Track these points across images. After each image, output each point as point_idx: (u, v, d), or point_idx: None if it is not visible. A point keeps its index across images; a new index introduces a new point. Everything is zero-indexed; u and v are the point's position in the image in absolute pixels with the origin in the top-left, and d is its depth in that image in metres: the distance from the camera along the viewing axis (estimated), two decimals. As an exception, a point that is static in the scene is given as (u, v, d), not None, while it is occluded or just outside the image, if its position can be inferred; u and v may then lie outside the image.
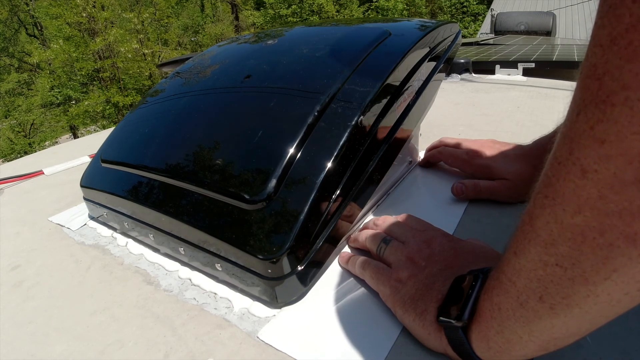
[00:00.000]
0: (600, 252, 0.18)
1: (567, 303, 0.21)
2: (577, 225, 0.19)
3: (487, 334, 0.26)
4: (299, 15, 13.22)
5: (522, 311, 0.23)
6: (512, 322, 0.24)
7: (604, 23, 0.17)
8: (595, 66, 0.17)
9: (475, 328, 0.27)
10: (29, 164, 0.84)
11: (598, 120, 0.17)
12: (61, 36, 9.18)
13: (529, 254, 0.22)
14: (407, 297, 0.33)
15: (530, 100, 0.92)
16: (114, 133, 0.57)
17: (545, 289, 0.21)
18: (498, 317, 0.25)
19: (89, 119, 9.55)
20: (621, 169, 0.16)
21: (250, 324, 0.36)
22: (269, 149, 0.41)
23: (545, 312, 0.22)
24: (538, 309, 0.22)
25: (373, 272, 0.37)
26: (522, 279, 0.22)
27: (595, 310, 0.20)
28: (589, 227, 0.18)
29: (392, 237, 0.39)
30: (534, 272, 0.22)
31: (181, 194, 0.42)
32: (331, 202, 0.39)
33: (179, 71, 0.63)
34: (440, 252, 0.35)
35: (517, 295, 0.23)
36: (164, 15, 11.13)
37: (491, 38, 3.38)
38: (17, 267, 0.48)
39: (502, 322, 0.24)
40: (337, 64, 0.48)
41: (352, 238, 0.43)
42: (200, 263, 0.41)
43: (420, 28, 0.55)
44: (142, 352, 0.34)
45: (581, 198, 0.18)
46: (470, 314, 0.27)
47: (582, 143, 0.18)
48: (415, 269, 0.34)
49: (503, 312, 0.24)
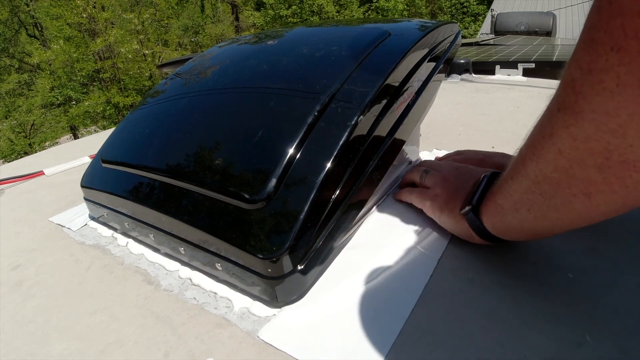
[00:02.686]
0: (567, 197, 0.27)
1: (544, 217, 0.30)
2: (554, 178, 0.27)
3: (493, 221, 0.36)
4: (299, 15, 13.22)
5: (516, 214, 0.33)
6: (510, 218, 0.34)
7: (587, 51, 0.21)
8: (574, 81, 0.22)
9: (485, 215, 0.37)
10: (29, 164, 0.84)
11: (569, 122, 0.24)
12: (61, 37, 9.17)
13: (520, 184, 0.31)
14: (442, 202, 0.43)
15: (530, 101, 0.92)
16: (114, 133, 0.57)
17: (532, 206, 0.31)
18: (501, 212, 0.35)
19: (89, 119, 9.54)
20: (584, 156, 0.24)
21: (250, 323, 0.36)
22: (268, 148, 0.41)
23: (531, 218, 0.31)
24: (526, 215, 0.32)
25: (417, 194, 0.47)
26: (516, 196, 0.32)
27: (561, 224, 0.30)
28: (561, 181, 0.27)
29: (431, 169, 0.49)
30: (524, 195, 0.31)
31: (181, 194, 0.42)
32: (331, 201, 0.39)
33: (179, 72, 0.63)
34: (466, 169, 0.46)
35: (513, 204, 0.33)
36: (164, 15, 11.13)
37: (491, 38, 3.38)
38: (17, 267, 0.48)
39: (503, 216, 0.35)
40: (337, 64, 0.48)
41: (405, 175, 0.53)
42: (201, 263, 0.42)
43: (420, 28, 0.55)
44: (142, 351, 0.34)
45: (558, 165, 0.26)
46: (479, 201, 0.37)
47: (560, 134, 0.25)
48: (447, 183, 0.45)
49: (504, 210, 0.34)
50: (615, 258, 0.39)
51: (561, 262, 0.39)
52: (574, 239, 0.42)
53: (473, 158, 0.54)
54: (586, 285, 0.36)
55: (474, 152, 0.57)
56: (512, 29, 4.27)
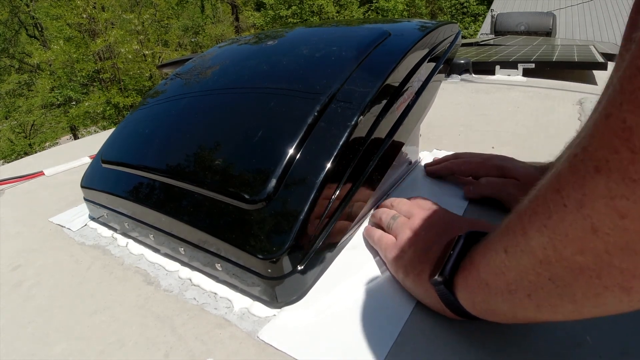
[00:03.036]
0: (594, 289, 0.19)
1: (553, 309, 0.22)
2: (576, 261, 0.19)
3: (474, 299, 0.28)
4: (299, 16, 13.22)
5: (509, 297, 0.25)
6: (499, 300, 0.26)
7: None
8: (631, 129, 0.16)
9: (462, 290, 0.29)
10: (29, 164, 0.84)
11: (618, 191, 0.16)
12: (61, 37, 9.17)
13: (521, 260, 0.23)
14: (408, 261, 0.36)
15: (530, 101, 0.92)
16: (114, 134, 0.57)
17: (535, 292, 0.23)
18: (485, 291, 0.27)
19: (90, 119, 9.54)
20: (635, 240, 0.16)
21: (250, 323, 0.36)
22: (268, 149, 0.41)
23: (531, 306, 0.24)
24: (525, 303, 0.24)
25: (382, 244, 0.41)
26: (512, 274, 0.24)
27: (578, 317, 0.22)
28: (589, 267, 0.19)
29: (400, 214, 0.42)
30: (524, 276, 0.23)
31: (181, 194, 0.42)
32: (331, 202, 0.39)
33: (179, 72, 0.63)
34: (439, 221, 0.39)
35: (505, 284, 0.24)
36: (164, 16, 11.13)
37: (491, 38, 3.38)
38: (17, 267, 0.48)
39: (489, 296, 0.27)
40: (337, 64, 0.48)
41: (373, 214, 0.47)
42: (201, 263, 0.42)
43: (420, 28, 0.55)
44: (142, 351, 0.34)
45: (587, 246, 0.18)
46: (453, 271, 0.30)
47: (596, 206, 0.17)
48: (416, 237, 0.38)
49: (491, 289, 0.26)
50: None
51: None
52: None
53: (471, 161, 0.54)
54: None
55: (472, 154, 0.56)
56: (512, 29, 4.28)
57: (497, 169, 0.50)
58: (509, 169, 0.49)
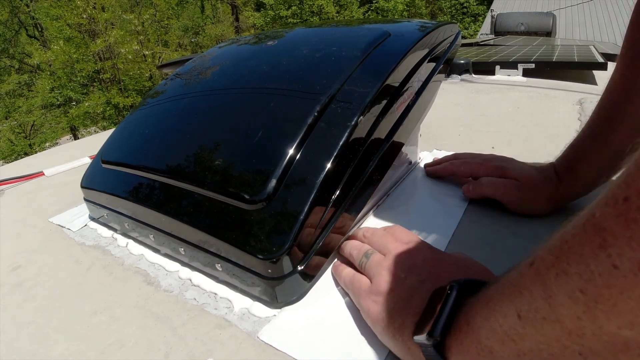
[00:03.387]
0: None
1: None
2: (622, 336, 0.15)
3: None
4: (299, 16, 13.23)
5: None
6: None
7: None
8: None
9: (457, 354, 0.24)
10: (29, 165, 0.84)
11: None
12: (61, 37, 9.17)
13: (542, 329, 0.18)
14: (385, 311, 0.31)
15: (530, 101, 0.92)
16: (114, 134, 0.57)
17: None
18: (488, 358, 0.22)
19: (90, 120, 9.54)
20: None
21: (251, 324, 0.36)
22: (268, 149, 0.41)
23: None
24: None
25: (354, 288, 0.35)
26: (527, 344, 0.20)
27: None
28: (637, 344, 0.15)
29: (374, 250, 0.37)
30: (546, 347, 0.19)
31: (181, 195, 0.42)
32: (331, 202, 0.39)
33: (179, 72, 0.63)
34: (422, 263, 0.33)
35: (517, 354, 0.20)
36: (164, 16, 11.13)
37: (491, 39, 3.38)
38: (17, 267, 0.48)
39: None
40: (336, 64, 0.48)
41: (341, 247, 0.42)
42: (201, 263, 0.42)
43: (420, 29, 0.56)
44: (142, 352, 0.34)
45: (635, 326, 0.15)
46: (445, 329, 0.25)
47: None
48: (395, 281, 0.32)
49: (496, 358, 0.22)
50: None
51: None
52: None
53: (471, 162, 0.54)
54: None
55: (472, 155, 0.56)
56: (512, 29, 4.28)
57: (497, 169, 0.50)
58: (509, 170, 0.49)
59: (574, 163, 0.45)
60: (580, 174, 0.44)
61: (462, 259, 0.34)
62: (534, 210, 0.46)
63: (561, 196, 0.46)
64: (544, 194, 0.46)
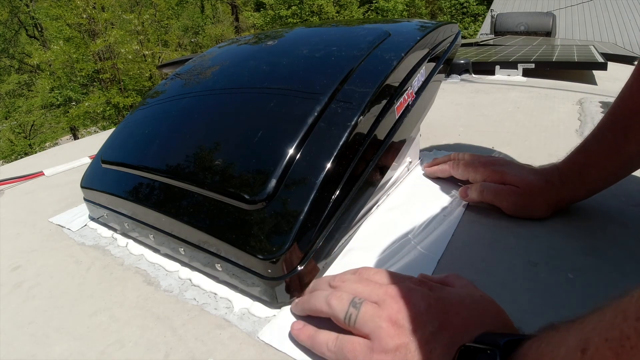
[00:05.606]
0: None
1: None
2: None
3: None
4: (299, 16, 13.23)
5: None
6: None
7: None
8: None
9: None
10: (29, 165, 0.84)
11: None
12: (61, 37, 9.18)
13: None
14: None
15: (530, 101, 0.92)
16: (114, 134, 0.57)
17: None
18: None
19: (89, 120, 9.55)
20: None
21: (251, 324, 0.36)
22: (268, 149, 0.41)
23: None
24: None
25: (347, 351, 0.29)
26: None
27: None
28: None
29: (362, 298, 0.31)
30: None
31: (181, 195, 0.42)
32: (331, 202, 0.39)
33: (179, 72, 0.63)
34: (427, 310, 0.28)
35: None
36: (164, 16, 11.13)
37: (491, 39, 3.38)
38: (17, 267, 0.48)
39: None
40: (336, 64, 0.48)
41: (298, 303, 0.35)
42: (201, 263, 0.42)
43: (419, 29, 0.56)
44: (142, 352, 0.34)
45: None
46: None
47: None
48: (403, 335, 0.27)
49: None
50: (615, 258, 0.39)
51: (561, 262, 0.39)
52: (574, 239, 0.42)
53: (471, 164, 0.52)
54: (586, 285, 0.36)
55: (473, 156, 0.54)
56: (512, 29, 4.27)
57: (496, 174, 0.49)
58: (508, 175, 0.48)
59: (582, 168, 0.44)
60: (588, 179, 0.44)
61: (467, 295, 0.30)
62: (532, 216, 0.46)
63: (563, 200, 0.46)
64: (543, 199, 0.46)
